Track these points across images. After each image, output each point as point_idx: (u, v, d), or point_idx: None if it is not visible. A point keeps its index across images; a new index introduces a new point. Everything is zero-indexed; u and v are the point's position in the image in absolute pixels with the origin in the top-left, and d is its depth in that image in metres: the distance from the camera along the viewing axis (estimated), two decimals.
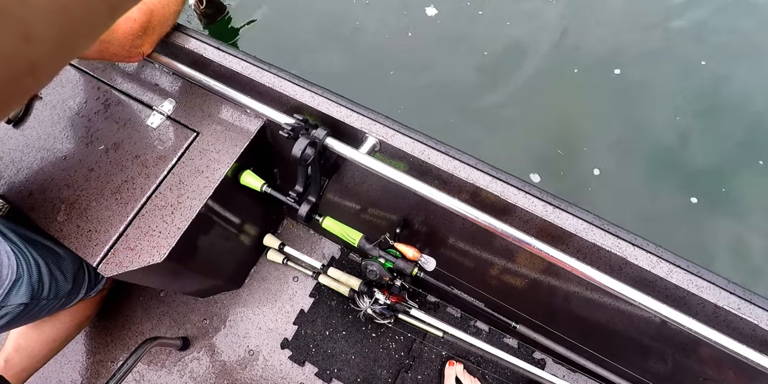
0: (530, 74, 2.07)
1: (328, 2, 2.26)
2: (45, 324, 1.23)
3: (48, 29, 0.19)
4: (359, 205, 1.26)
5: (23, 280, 1.00)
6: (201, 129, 1.05)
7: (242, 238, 1.39)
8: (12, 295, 0.98)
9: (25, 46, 0.18)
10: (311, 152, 0.86)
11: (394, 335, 1.45)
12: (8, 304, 0.98)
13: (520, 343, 1.45)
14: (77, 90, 1.13)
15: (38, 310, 1.07)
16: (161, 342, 1.31)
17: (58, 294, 1.12)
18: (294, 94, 0.96)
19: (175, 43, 1.05)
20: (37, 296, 1.03)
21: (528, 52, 2.12)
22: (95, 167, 1.04)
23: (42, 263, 1.05)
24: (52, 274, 1.07)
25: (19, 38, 0.18)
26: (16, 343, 1.21)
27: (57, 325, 1.25)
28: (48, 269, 1.06)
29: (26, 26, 0.18)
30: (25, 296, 1.00)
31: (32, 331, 1.23)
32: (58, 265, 1.10)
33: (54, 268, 1.09)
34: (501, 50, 2.12)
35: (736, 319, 0.80)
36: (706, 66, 2.05)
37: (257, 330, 1.48)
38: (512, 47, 2.13)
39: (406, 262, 1.01)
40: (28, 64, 0.19)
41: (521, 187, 0.88)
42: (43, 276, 1.05)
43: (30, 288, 1.01)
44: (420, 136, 0.91)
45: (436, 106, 2.02)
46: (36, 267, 1.04)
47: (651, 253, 0.83)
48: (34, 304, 1.05)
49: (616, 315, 1.01)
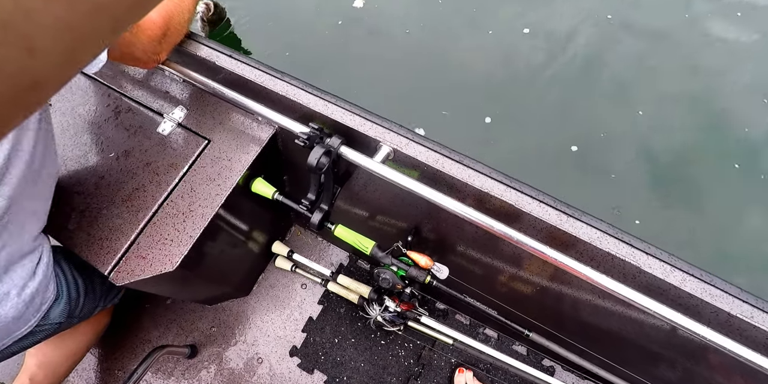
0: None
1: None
2: (66, 337, 1.20)
3: (52, 45, 0.19)
4: (370, 213, 1.26)
5: (62, 298, 0.99)
6: (212, 136, 1.05)
7: (251, 246, 1.38)
8: (50, 315, 0.96)
9: (29, 61, 0.19)
10: (326, 161, 0.86)
11: (404, 343, 1.44)
12: (47, 323, 0.96)
13: (529, 350, 1.44)
14: (87, 97, 1.13)
15: (67, 326, 1.05)
16: (170, 350, 1.31)
17: (91, 311, 1.11)
18: (307, 102, 0.96)
19: (187, 50, 1.05)
20: (72, 314, 1.02)
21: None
22: (106, 175, 1.04)
23: (80, 282, 1.04)
24: (86, 292, 1.06)
25: (23, 53, 0.18)
26: (38, 360, 1.18)
27: (78, 338, 1.23)
28: (84, 287, 1.05)
29: (30, 41, 0.18)
30: (62, 316, 0.98)
31: (53, 345, 1.20)
32: (92, 281, 1.09)
33: (88, 283, 1.07)
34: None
35: (750, 328, 0.80)
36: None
37: (266, 337, 1.47)
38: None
39: (419, 271, 1.00)
40: (32, 79, 0.20)
41: (535, 196, 0.88)
42: (80, 295, 1.04)
43: (67, 307, 0.99)
44: (434, 144, 0.91)
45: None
46: (75, 285, 1.03)
47: (665, 261, 0.84)
48: (68, 322, 1.03)
49: (628, 322, 1.01)
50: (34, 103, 0.21)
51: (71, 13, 0.19)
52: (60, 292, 0.98)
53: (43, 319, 0.94)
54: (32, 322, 0.91)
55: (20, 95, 0.20)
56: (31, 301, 0.89)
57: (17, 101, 0.20)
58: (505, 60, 2.13)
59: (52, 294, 0.96)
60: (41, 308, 0.92)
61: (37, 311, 0.92)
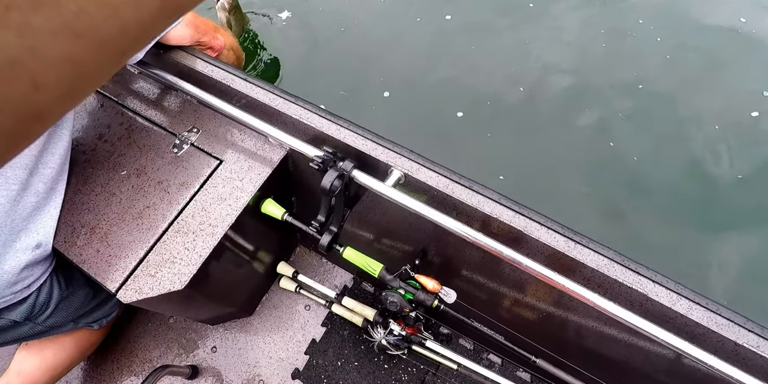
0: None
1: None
2: (48, 350, 1.22)
3: (57, 79, 0.19)
4: (379, 236, 1.26)
5: (28, 298, 1.00)
6: (224, 157, 1.07)
7: (256, 266, 1.38)
8: (9, 309, 0.97)
9: (34, 96, 0.19)
10: (339, 184, 0.87)
11: (407, 367, 1.43)
12: (5, 317, 0.97)
13: (533, 377, 1.42)
14: (100, 115, 1.15)
15: (30, 332, 1.06)
16: (171, 370, 1.29)
17: (61, 325, 1.12)
18: (320, 126, 0.98)
19: (202, 73, 1.07)
20: (32, 318, 1.02)
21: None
22: (117, 192, 1.05)
23: (56, 291, 1.05)
24: (59, 303, 1.07)
25: (28, 87, 0.18)
26: (18, 368, 1.20)
27: (59, 353, 1.24)
28: (59, 297, 1.06)
29: (36, 77, 0.18)
30: (20, 316, 0.99)
31: (34, 357, 1.21)
32: (72, 294, 1.10)
33: (66, 295, 1.08)
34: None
35: (756, 357, 0.80)
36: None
37: (268, 359, 1.46)
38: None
39: (427, 294, 1.00)
40: (36, 112, 0.20)
41: (543, 223, 0.89)
42: (49, 302, 1.04)
43: (30, 309, 1.00)
44: (444, 170, 0.93)
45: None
46: (49, 291, 1.04)
47: (671, 290, 0.84)
48: (30, 328, 1.04)
49: (635, 350, 1.00)
50: (36, 133, 0.21)
51: (77, 49, 0.19)
52: (31, 292, 1.00)
53: (5, 311, 0.96)
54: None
55: (23, 127, 0.20)
56: (4, 282, 0.91)
57: (21, 132, 0.20)
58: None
59: (34, 281, 0.99)
60: (3, 294, 0.94)
61: (11, 286, 0.93)
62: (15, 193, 0.90)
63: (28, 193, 0.92)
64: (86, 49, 0.20)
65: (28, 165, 0.90)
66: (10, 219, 0.90)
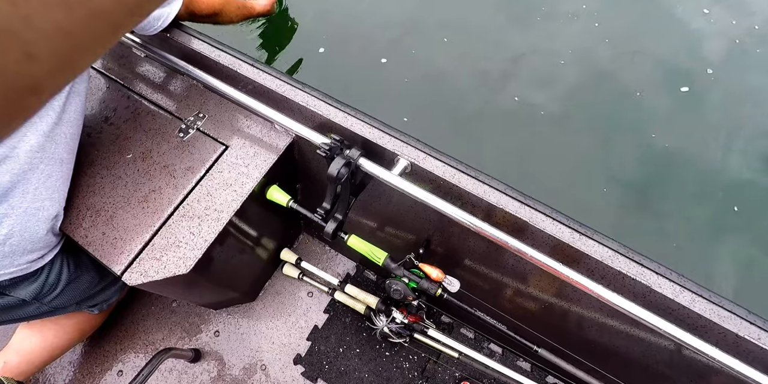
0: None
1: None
2: (48, 331, 1.24)
3: (51, 50, 0.19)
4: (383, 224, 1.26)
5: (40, 278, 1.01)
6: (230, 142, 1.06)
7: (260, 252, 1.39)
8: (19, 287, 0.98)
9: (29, 67, 0.19)
10: (345, 172, 0.87)
11: (409, 354, 1.44)
12: (13, 295, 0.98)
13: (533, 366, 1.44)
14: (106, 97, 1.14)
15: (35, 312, 1.07)
16: (174, 353, 1.30)
17: (65, 306, 1.13)
18: (327, 113, 0.97)
19: (209, 57, 1.06)
20: (39, 298, 1.03)
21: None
22: (123, 175, 1.05)
23: (65, 273, 1.06)
24: (67, 285, 1.08)
25: (22, 57, 0.18)
26: (18, 346, 1.22)
27: (60, 334, 1.26)
28: (67, 279, 1.07)
29: (29, 47, 0.18)
30: (29, 295, 1.00)
31: (35, 336, 1.23)
32: (78, 277, 1.11)
33: (74, 278, 1.09)
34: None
35: (757, 349, 0.81)
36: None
37: (270, 344, 1.47)
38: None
39: (431, 283, 1.01)
40: (31, 84, 0.20)
41: (548, 214, 0.89)
42: (58, 284, 1.05)
43: (39, 289, 1.01)
44: (450, 160, 0.93)
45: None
46: (58, 273, 1.04)
47: (674, 282, 0.85)
48: (36, 307, 1.05)
49: (637, 341, 1.01)
50: (33, 107, 0.21)
51: (70, 19, 0.19)
52: (41, 271, 1.00)
53: (11, 288, 0.97)
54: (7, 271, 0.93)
55: (19, 99, 0.20)
56: (21, 248, 0.92)
57: (16, 105, 0.20)
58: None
59: (45, 254, 0.99)
60: (19, 261, 0.94)
61: (12, 265, 0.93)
62: (38, 160, 0.89)
63: (45, 160, 0.91)
64: (80, 20, 0.19)
65: (46, 131, 0.89)
66: (33, 185, 0.89)
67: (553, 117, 1.97)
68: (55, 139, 0.91)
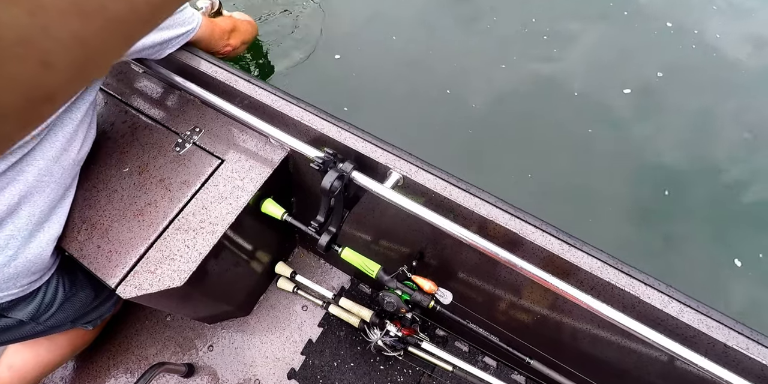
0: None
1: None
2: (41, 346, 1.23)
3: (66, 59, 0.20)
4: (377, 237, 1.27)
5: (36, 298, 1.00)
6: (226, 156, 1.08)
7: (255, 265, 1.39)
8: (17, 308, 0.98)
9: (44, 75, 0.19)
10: (338, 185, 0.89)
11: (403, 368, 1.44)
12: (11, 317, 0.98)
13: (527, 380, 1.43)
14: (104, 112, 1.16)
15: (31, 331, 1.07)
16: (167, 368, 1.30)
17: (61, 324, 1.13)
18: (321, 127, 0.99)
19: (206, 73, 1.09)
20: (37, 318, 1.03)
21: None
22: (119, 189, 1.06)
23: (61, 292, 1.06)
24: (63, 303, 1.08)
25: (39, 67, 0.19)
26: (10, 362, 1.21)
27: (52, 349, 1.25)
28: (63, 298, 1.07)
29: (46, 56, 0.19)
30: (27, 316, 1.00)
31: (27, 352, 1.22)
32: (74, 295, 1.11)
33: (70, 296, 1.09)
34: None
35: (745, 359, 0.81)
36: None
37: (264, 359, 1.46)
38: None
39: (423, 295, 1.02)
40: (45, 92, 0.20)
41: (538, 226, 0.90)
42: (54, 302, 1.05)
43: (36, 309, 1.01)
44: (442, 173, 0.94)
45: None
46: (54, 292, 1.04)
47: (662, 292, 0.85)
48: (32, 327, 1.05)
49: (628, 352, 1.01)
50: (45, 115, 0.22)
51: (86, 29, 0.20)
52: (38, 291, 1.00)
53: (9, 309, 0.97)
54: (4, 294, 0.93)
55: (34, 107, 0.20)
56: (25, 269, 0.92)
57: (31, 112, 0.20)
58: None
59: (42, 275, 0.99)
60: (21, 283, 0.94)
61: (15, 286, 0.94)
62: (45, 184, 0.90)
63: (52, 184, 0.92)
64: (95, 29, 0.20)
65: (54, 156, 0.90)
66: (39, 208, 0.91)
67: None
68: (62, 164, 0.92)
